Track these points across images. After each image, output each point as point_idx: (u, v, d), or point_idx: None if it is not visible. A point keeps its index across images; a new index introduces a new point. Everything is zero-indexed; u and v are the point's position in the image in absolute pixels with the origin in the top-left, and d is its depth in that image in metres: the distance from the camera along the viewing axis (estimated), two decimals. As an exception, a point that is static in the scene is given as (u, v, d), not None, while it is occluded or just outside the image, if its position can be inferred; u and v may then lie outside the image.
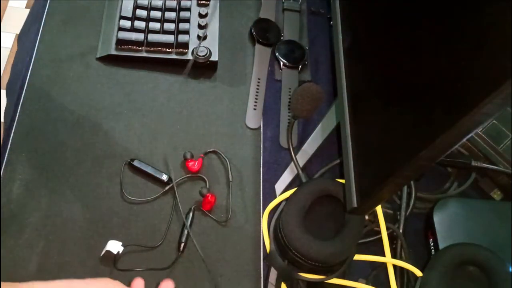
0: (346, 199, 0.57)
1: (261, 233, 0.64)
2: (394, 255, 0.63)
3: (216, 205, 0.65)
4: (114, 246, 0.59)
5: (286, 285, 0.60)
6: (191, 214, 0.64)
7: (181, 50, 0.74)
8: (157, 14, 0.75)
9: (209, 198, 0.64)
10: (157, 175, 0.65)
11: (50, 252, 0.60)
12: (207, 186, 0.65)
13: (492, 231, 0.65)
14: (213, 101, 0.73)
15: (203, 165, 0.67)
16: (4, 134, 0.67)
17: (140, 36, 0.72)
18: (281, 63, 0.78)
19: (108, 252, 0.59)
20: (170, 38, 0.74)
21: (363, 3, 0.66)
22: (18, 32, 0.80)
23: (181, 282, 0.60)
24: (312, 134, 0.72)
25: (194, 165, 0.66)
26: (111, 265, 0.59)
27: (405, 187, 0.66)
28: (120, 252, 0.59)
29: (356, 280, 0.62)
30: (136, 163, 0.65)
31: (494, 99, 0.35)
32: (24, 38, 0.76)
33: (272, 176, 0.69)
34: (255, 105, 0.74)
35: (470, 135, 0.39)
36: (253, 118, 0.73)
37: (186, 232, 0.62)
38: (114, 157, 0.66)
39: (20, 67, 0.72)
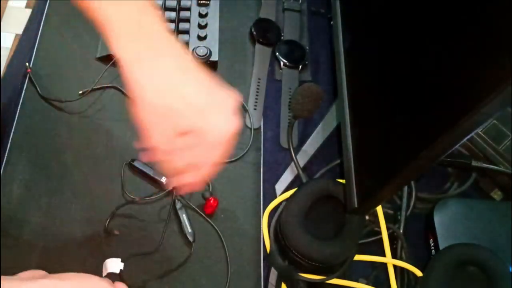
0: (346, 199, 0.57)
1: (261, 233, 0.64)
2: (394, 255, 0.63)
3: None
4: (114, 266, 0.56)
5: (286, 285, 0.60)
6: (184, 215, 0.63)
7: (181, 50, 0.74)
8: (157, 14, 0.75)
9: (211, 202, 0.63)
10: (157, 177, 0.65)
11: (50, 252, 0.60)
12: (210, 190, 0.65)
13: (492, 231, 0.65)
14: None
15: None
16: (4, 134, 0.67)
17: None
18: (281, 63, 0.78)
19: (111, 274, 0.56)
20: (170, 38, 0.74)
21: (363, 3, 0.66)
22: (18, 32, 0.80)
23: (181, 281, 0.60)
24: (313, 134, 0.72)
25: None
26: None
27: (405, 187, 0.66)
28: (122, 270, 0.57)
29: (356, 280, 0.62)
30: (136, 163, 0.65)
31: (494, 99, 0.35)
32: (24, 37, 0.76)
33: (272, 176, 0.69)
34: (255, 105, 0.74)
35: (470, 135, 0.39)
36: (253, 118, 0.73)
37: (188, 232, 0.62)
38: (114, 157, 0.66)
39: (16, 65, 0.72)
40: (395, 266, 0.62)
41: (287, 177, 0.69)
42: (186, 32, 0.75)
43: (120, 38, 0.44)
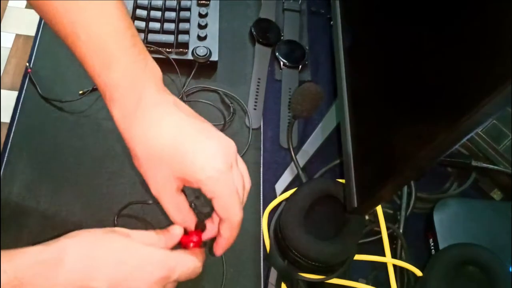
0: (346, 199, 0.57)
1: (261, 233, 0.64)
2: (394, 255, 0.63)
3: None
4: None
5: (286, 285, 0.60)
6: None
7: (181, 50, 0.74)
8: (157, 14, 0.75)
9: (193, 239, 0.50)
10: None
11: (50, 252, 0.60)
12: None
13: (492, 231, 0.65)
14: (213, 101, 0.73)
15: None
16: (4, 134, 0.67)
17: (140, 36, 0.72)
18: (281, 63, 0.78)
19: None
20: (170, 38, 0.74)
21: (363, 3, 0.66)
22: (18, 32, 0.80)
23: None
24: (312, 134, 0.72)
25: None
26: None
27: (405, 187, 0.66)
28: None
29: (356, 280, 0.62)
30: None
31: (494, 99, 0.35)
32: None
33: (272, 176, 0.69)
34: (255, 105, 0.74)
35: (470, 135, 0.39)
36: (253, 118, 0.73)
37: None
38: (114, 157, 0.66)
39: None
40: (395, 266, 0.62)
41: (287, 177, 0.69)
42: (186, 32, 0.75)
43: None
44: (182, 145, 0.43)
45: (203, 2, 0.79)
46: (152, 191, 0.46)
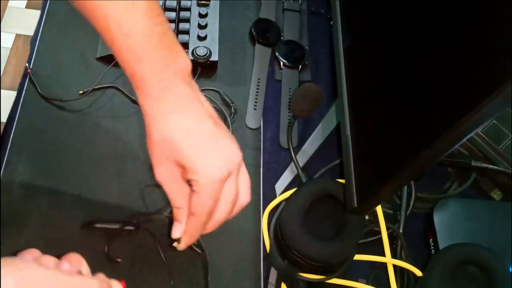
0: (346, 199, 0.57)
1: (261, 233, 0.64)
2: (394, 255, 0.63)
3: None
4: None
5: (286, 285, 0.60)
6: None
7: (181, 50, 0.74)
8: (157, 14, 0.75)
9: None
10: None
11: (50, 252, 0.59)
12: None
13: (492, 231, 0.65)
14: (214, 102, 0.73)
15: None
16: (4, 134, 0.67)
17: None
18: (281, 63, 0.78)
19: None
20: (170, 38, 0.74)
21: (363, 3, 0.66)
22: (18, 32, 0.80)
23: (180, 280, 0.60)
24: (312, 134, 0.72)
25: None
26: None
27: (405, 187, 0.66)
28: None
29: (356, 280, 0.62)
30: None
31: (494, 99, 0.35)
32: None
33: (272, 176, 0.69)
34: (255, 105, 0.74)
35: (470, 135, 0.39)
36: (253, 118, 0.73)
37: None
38: (114, 157, 0.66)
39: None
40: (395, 266, 0.62)
41: (287, 177, 0.69)
42: (186, 32, 0.75)
43: None
44: (190, 145, 0.47)
45: (203, 2, 0.79)
46: (155, 174, 0.49)
